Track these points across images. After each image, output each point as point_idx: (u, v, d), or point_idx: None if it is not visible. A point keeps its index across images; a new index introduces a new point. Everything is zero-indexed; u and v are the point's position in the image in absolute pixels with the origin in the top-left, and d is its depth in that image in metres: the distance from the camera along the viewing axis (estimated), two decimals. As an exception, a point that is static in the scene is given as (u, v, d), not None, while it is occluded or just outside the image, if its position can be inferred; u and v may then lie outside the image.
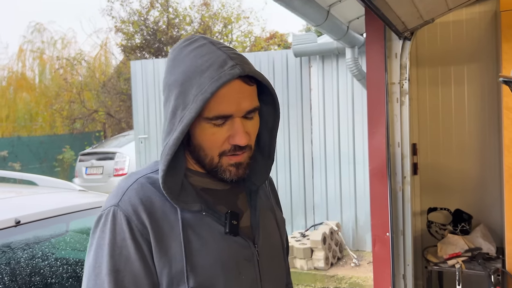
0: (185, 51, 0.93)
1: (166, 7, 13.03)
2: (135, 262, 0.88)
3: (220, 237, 0.94)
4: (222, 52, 0.91)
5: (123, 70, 13.63)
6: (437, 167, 3.25)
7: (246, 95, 0.92)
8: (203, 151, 0.94)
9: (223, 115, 0.90)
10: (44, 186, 2.38)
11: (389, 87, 2.46)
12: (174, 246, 0.90)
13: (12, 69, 14.54)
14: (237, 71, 0.88)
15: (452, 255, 2.78)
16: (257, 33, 15.37)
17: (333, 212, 5.59)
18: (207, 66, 0.89)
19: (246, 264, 0.97)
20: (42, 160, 12.08)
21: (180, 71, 0.91)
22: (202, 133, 0.92)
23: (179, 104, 0.90)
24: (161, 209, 0.92)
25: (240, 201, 1.03)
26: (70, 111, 13.63)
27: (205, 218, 0.94)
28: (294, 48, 5.51)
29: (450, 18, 3.12)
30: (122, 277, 0.88)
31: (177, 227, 0.91)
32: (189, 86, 0.89)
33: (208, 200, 0.97)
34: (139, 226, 0.89)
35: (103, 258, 0.89)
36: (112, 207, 0.91)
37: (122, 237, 0.89)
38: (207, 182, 0.99)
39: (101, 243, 0.90)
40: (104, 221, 0.91)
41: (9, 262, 1.64)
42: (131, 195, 0.92)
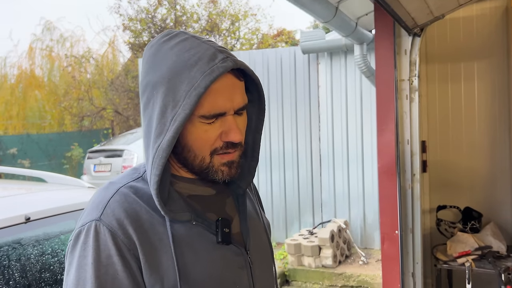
0: (166, 46, 0.85)
1: (174, 4, 13.04)
2: (123, 281, 0.80)
3: (212, 246, 0.88)
4: (209, 46, 0.84)
5: (130, 67, 13.68)
6: (447, 164, 3.22)
7: (237, 90, 0.86)
8: (193, 151, 0.87)
9: (216, 113, 0.84)
10: (53, 183, 2.39)
11: (398, 84, 2.44)
12: (165, 260, 0.83)
13: (21, 67, 14.66)
14: (230, 64, 0.82)
15: (462, 253, 2.76)
16: (264, 30, 15.35)
17: (341, 209, 5.57)
18: (196, 60, 0.82)
19: (240, 272, 0.92)
20: (51, 157, 12.17)
21: (164, 67, 0.83)
22: (193, 131, 0.85)
23: (168, 102, 0.82)
24: (149, 221, 0.84)
25: (228, 206, 0.97)
26: (78, 108, 13.72)
27: (195, 228, 0.87)
28: (302, 45, 5.48)
29: (460, 14, 3.08)
30: None
31: (166, 240, 0.84)
32: (178, 82, 0.81)
33: (197, 208, 0.90)
34: (125, 241, 0.81)
35: (86, 280, 0.80)
36: (94, 221, 0.82)
37: (107, 254, 0.81)
38: (194, 188, 0.92)
39: (83, 263, 0.81)
40: (84, 237, 0.82)
41: (20, 258, 1.65)
42: (114, 207, 0.83)
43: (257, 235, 1.00)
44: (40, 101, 14.42)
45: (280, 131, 5.85)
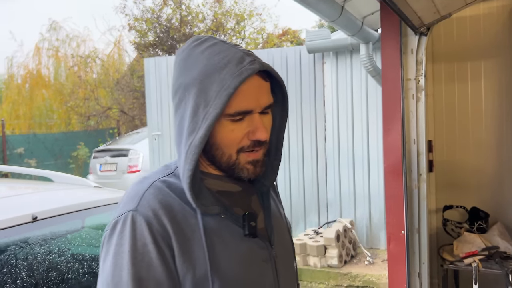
0: (197, 50, 0.91)
1: (179, 4, 13.06)
2: (157, 268, 0.85)
3: (239, 239, 0.93)
4: (237, 50, 0.90)
5: (136, 67, 13.72)
6: (453, 164, 3.21)
7: (264, 90, 0.92)
8: (221, 149, 0.92)
9: (244, 111, 0.90)
10: (60, 183, 2.40)
11: (404, 83, 2.43)
12: (196, 250, 0.88)
13: (28, 66, 14.74)
14: (257, 66, 0.88)
15: (469, 254, 2.75)
16: (269, 29, 15.35)
17: (347, 209, 5.56)
18: (225, 63, 0.88)
19: (265, 265, 0.96)
20: (57, 156, 12.24)
21: (196, 70, 0.89)
22: (221, 130, 0.90)
23: (200, 102, 0.88)
24: (181, 213, 0.89)
25: (254, 202, 1.01)
26: (84, 108, 13.78)
27: (224, 221, 0.92)
28: (307, 44, 5.47)
29: (467, 13, 3.06)
30: (146, 285, 0.84)
31: (197, 231, 0.89)
32: (209, 84, 0.87)
33: (225, 203, 0.95)
34: (160, 231, 0.86)
35: (123, 266, 0.85)
36: (130, 212, 0.88)
37: (143, 243, 0.85)
38: (221, 184, 0.97)
39: (120, 250, 0.86)
40: (121, 227, 0.87)
41: (27, 257, 1.66)
42: (150, 199, 0.89)
43: (280, 232, 1.05)
44: (46, 101, 14.50)
45: (285, 131, 5.84)
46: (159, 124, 6.82)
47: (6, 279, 1.56)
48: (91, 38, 22.31)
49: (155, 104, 6.83)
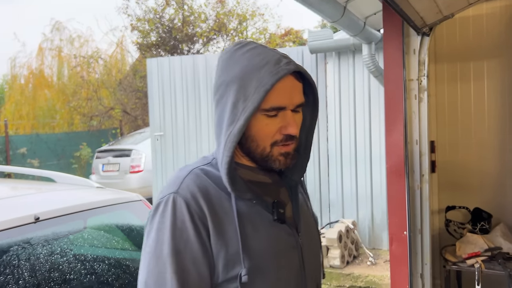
0: (239, 53, 1.02)
1: (181, 4, 13.07)
2: (194, 244, 0.95)
3: (269, 224, 1.02)
4: (275, 52, 1.02)
5: (139, 67, 13.74)
6: (456, 164, 3.20)
7: (297, 90, 1.02)
8: (256, 141, 1.02)
9: (279, 107, 0.99)
10: (62, 183, 2.40)
11: (407, 83, 2.42)
12: (229, 230, 0.97)
13: (31, 67, 14.78)
14: (292, 67, 0.99)
15: (471, 255, 2.74)
16: (272, 30, 15.34)
17: (349, 210, 5.55)
18: (264, 63, 0.98)
19: (292, 251, 1.05)
20: (60, 157, 12.27)
21: (237, 69, 1.00)
22: (257, 124, 1.00)
23: (239, 96, 0.98)
24: (217, 197, 0.99)
25: (282, 194, 1.10)
26: (87, 108, 13.80)
27: (255, 206, 1.02)
28: (310, 44, 5.47)
29: (469, 13, 3.05)
30: (183, 258, 0.94)
31: (231, 213, 0.98)
32: (248, 81, 0.98)
33: (256, 191, 1.04)
34: (197, 211, 0.96)
35: (164, 240, 0.95)
36: (172, 194, 0.98)
37: (182, 220, 0.96)
38: (253, 175, 1.07)
39: (162, 227, 0.96)
40: (163, 207, 0.98)
41: (29, 258, 1.66)
42: (189, 183, 1.00)
43: (307, 223, 1.13)
44: (49, 101, 14.53)
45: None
46: (161, 124, 6.83)
47: (8, 280, 1.56)
48: (93, 39, 22.37)
49: (158, 105, 6.83)
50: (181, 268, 0.94)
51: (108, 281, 1.86)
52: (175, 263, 0.94)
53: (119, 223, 2.19)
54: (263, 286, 0.98)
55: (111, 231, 2.15)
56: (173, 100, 6.75)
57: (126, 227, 2.22)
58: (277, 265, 1.00)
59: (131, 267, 2.05)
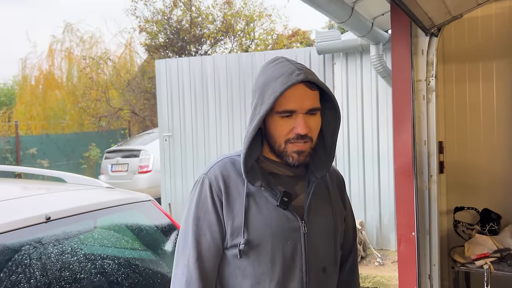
0: (268, 67, 1.25)
1: (189, 6, 13.12)
2: (211, 214, 1.22)
3: (272, 208, 1.22)
4: (292, 65, 1.21)
5: (147, 68, 13.81)
6: (464, 165, 3.18)
7: (308, 96, 1.20)
8: (273, 138, 1.23)
9: (288, 110, 1.19)
10: (72, 183, 2.43)
11: (415, 84, 2.41)
12: (237, 207, 1.22)
13: (41, 68, 14.91)
14: (301, 77, 1.17)
15: (480, 256, 2.73)
16: (279, 30, 15.31)
17: (357, 210, 5.54)
18: (280, 74, 1.19)
19: (293, 233, 1.22)
20: (69, 157, 12.36)
21: (262, 79, 1.23)
22: (273, 124, 1.22)
23: (259, 102, 1.22)
24: (234, 181, 1.24)
25: (299, 186, 1.28)
26: (96, 109, 13.89)
27: (264, 193, 1.23)
28: (317, 45, 5.47)
29: (478, 13, 3.04)
30: (202, 223, 1.23)
31: (242, 195, 1.23)
32: (266, 89, 1.20)
33: (270, 180, 1.25)
34: (216, 190, 1.23)
35: (191, 209, 1.25)
36: (203, 175, 1.27)
37: (205, 195, 1.24)
38: (275, 167, 1.28)
39: (193, 199, 1.26)
40: (197, 184, 1.27)
41: (40, 257, 1.69)
42: (216, 168, 1.27)
43: (319, 213, 1.28)
44: (59, 102, 14.65)
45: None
46: (169, 125, 6.86)
47: (20, 279, 1.59)
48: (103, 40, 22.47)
49: (166, 105, 6.87)
50: (199, 231, 1.22)
51: (117, 280, 1.88)
52: (196, 225, 1.23)
53: (129, 223, 2.21)
54: (258, 256, 1.20)
55: (120, 231, 2.17)
56: (182, 101, 6.78)
57: (136, 227, 2.24)
58: (273, 242, 1.20)
59: (140, 267, 2.06)
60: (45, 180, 6.13)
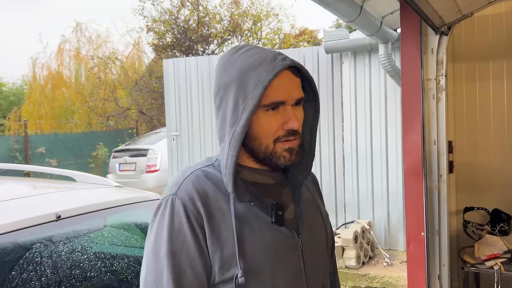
0: (236, 55, 1.03)
1: (196, 5, 13.14)
2: (190, 245, 0.97)
3: (266, 226, 1.01)
4: (270, 51, 1.03)
5: (154, 68, 13.85)
6: (474, 165, 3.16)
7: (295, 84, 1.03)
8: (259, 140, 1.02)
9: (278, 101, 1.00)
10: (82, 182, 2.44)
11: (425, 83, 2.40)
12: (225, 232, 0.98)
13: (50, 67, 15.01)
14: (288, 62, 1.00)
15: (490, 256, 2.71)
16: (286, 30, 15.30)
17: (365, 210, 5.52)
18: (260, 61, 0.99)
19: (291, 252, 1.04)
20: (77, 156, 12.44)
21: (234, 70, 1.01)
22: (258, 121, 1.01)
23: (239, 96, 0.99)
24: (214, 198, 1.01)
25: (285, 195, 1.10)
26: (104, 108, 13.96)
27: (253, 208, 1.02)
28: (325, 44, 5.45)
29: (489, 12, 3.02)
30: (179, 259, 0.97)
31: (228, 215, 0.99)
32: (246, 80, 0.99)
33: (256, 193, 1.04)
34: (194, 212, 0.98)
35: (162, 240, 0.98)
36: (171, 195, 1.01)
37: (179, 222, 0.98)
38: (256, 176, 1.07)
39: (161, 227, 0.99)
40: (163, 208, 1.01)
41: (51, 255, 1.70)
42: (188, 185, 1.01)
43: (311, 223, 1.11)
44: (67, 101, 14.75)
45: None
46: (177, 124, 6.88)
47: (31, 277, 1.60)
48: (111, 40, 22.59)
49: (174, 105, 6.89)
50: (177, 268, 0.96)
51: (127, 278, 1.89)
52: (172, 263, 0.96)
53: (138, 221, 2.22)
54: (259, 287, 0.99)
55: (130, 229, 2.18)
56: (189, 100, 6.79)
57: (145, 226, 2.25)
58: (273, 267, 1.00)
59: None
60: (54, 178, 6.17)
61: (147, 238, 1.03)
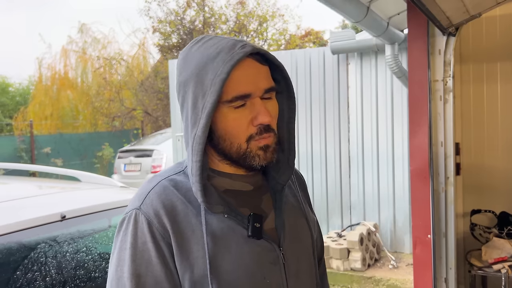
0: (194, 48, 0.92)
1: (202, 6, 13.16)
2: (156, 266, 0.87)
3: (243, 240, 0.90)
4: (229, 39, 0.90)
5: (160, 69, 13.88)
6: (481, 167, 3.13)
7: (261, 73, 0.89)
8: (228, 140, 0.91)
9: (242, 95, 0.87)
10: (87, 182, 2.44)
11: (432, 84, 2.38)
12: (195, 250, 0.88)
13: (55, 68, 15.09)
14: (248, 49, 0.87)
15: (498, 260, 2.68)
16: (292, 30, 15.33)
17: (371, 212, 5.49)
18: (218, 52, 0.87)
19: (272, 267, 0.93)
20: (83, 156, 12.49)
21: (192, 65, 0.90)
22: (224, 119, 0.89)
23: (197, 93, 0.88)
24: (183, 212, 0.90)
25: (265, 203, 0.98)
26: (109, 109, 14.01)
27: (228, 221, 0.90)
28: (331, 45, 5.44)
29: (497, 12, 2.99)
30: (144, 282, 0.87)
31: (198, 230, 0.88)
32: (203, 74, 0.87)
33: (231, 202, 0.93)
34: (160, 230, 0.88)
35: (124, 262, 0.88)
36: (134, 210, 0.91)
37: (143, 241, 0.88)
38: (231, 183, 0.95)
39: (124, 246, 0.89)
40: (126, 223, 0.91)
41: (56, 255, 1.69)
42: (153, 198, 0.90)
43: (294, 232, 1.00)
44: (72, 102, 14.82)
45: (308, 132, 5.82)
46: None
47: (36, 277, 1.60)
48: (116, 40, 22.69)
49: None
50: None
51: (131, 279, 1.88)
52: (135, 287, 0.86)
53: (143, 222, 2.21)
54: None
55: (134, 230, 2.18)
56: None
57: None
58: (252, 283, 0.90)
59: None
60: (59, 179, 6.19)
61: (111, 256, 0.92)
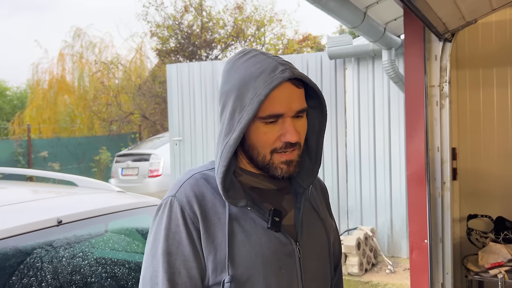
0: (239, 61, 1.03)
1: (200, 11, 13.19)
2: (186, 247, 1.00)
3: (262, 232, 1.02)
4: (272, 60, 1.00)
5: (158, 73, 13.89)
6: (478, 172, 3.14)
7: (295, 96, 1.00)
8: (256, 149, 1.03)
9: (275, 114, 0.99)
10: (84, 187, 2.44)
11: (428, 90, 2.39)
12: (220, 236, 1.00)
13: (52, 72, 15.08)
14: (287, 74, 0.97)
15: (494, 265, 2.68)
16: (289, 35, 15.37)
17: (368, 217, 5.50)
18: (260, 72, 0.98)
19: (287, 259, 1.03)
20: (80, 160, 12.46)
21: (236, 78, 1.01)
22: (256, 132, 1.01)
23: (236, 107, 0.99)
24: (211, 202, 1.02)
25: (286, 201, 1.09)
26: (107, 113, 14.00)
27: (250, 213, 1.02)
28: (329, 50, 5.46)
29: (493, 18, 3.01)
30: (174, 259, 1.00)
31: (224, 219, 1.01)
32: (245, 91, 0.98)
33: (254, 197, 1.05)
34: (191, 215, 1.01)
35: (159, 240, 1.01)
36: (170, 197, 1.04)
37: (176, 224, 1.01)
38: (256, 181, 1.08)
39: (159, 228, 1.02)
40: (163, 208, 1.04)
41: (52, 261, 1.69)
42: (187, 188, 1.04)
43: (311, 231, 1.10)
44: (70, 106, 14.80)
45: (305, 137, 5.82)
46: (180, 129, 6.88)
47: (31, 282, 1.59)
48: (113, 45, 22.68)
49: (177, 110, 6.89)
50: (172, 269, 0.99)
51: (128, 284, 1.87)
52: (167, 263, 0.99)
53: (139, 227, 2.21)
54: None
55: (131, 235, 2.17)
56: (192, 105, 6.80)
57: (146, 231, 2.24)
58: (267, 273, 1.00)
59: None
60: (56, 183, 6.17)
61: (148, 237, 1.06)
